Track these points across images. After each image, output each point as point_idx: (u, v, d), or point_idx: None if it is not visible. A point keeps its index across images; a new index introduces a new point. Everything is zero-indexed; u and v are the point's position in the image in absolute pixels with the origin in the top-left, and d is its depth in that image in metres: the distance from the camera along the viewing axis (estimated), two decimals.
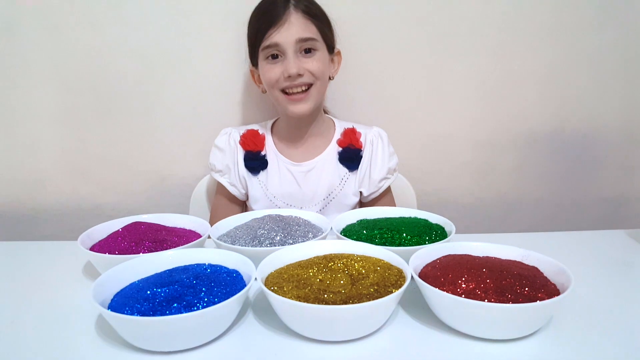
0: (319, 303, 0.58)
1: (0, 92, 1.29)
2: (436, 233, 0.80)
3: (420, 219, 0.87)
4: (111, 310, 0.59)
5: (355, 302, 0.58)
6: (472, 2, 1.25)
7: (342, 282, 0.64)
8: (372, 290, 0.61)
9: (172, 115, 1.32)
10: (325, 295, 0.60)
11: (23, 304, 0.72)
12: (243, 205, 1.23)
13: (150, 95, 1.30)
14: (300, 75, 1.03)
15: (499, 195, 1.43)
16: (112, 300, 0.63)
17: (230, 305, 0.58)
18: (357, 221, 0.89)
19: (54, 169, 1.36)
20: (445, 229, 0.83)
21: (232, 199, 1.19)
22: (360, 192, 1.16)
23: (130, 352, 0.59)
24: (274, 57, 1.04)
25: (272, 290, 0.61)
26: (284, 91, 1.06)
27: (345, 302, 0.59)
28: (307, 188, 1.14)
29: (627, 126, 1.37)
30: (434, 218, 0.88)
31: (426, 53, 1.29)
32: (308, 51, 1.04)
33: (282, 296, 0.59)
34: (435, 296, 0.60)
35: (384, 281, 0.63)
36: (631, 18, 1.28)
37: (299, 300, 0.58)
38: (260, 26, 1.03)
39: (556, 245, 0.91)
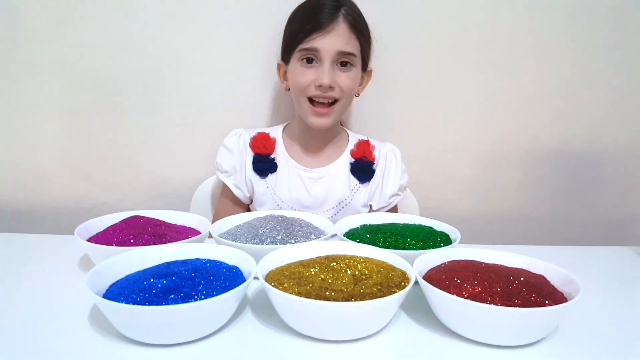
0: (320, 300, 0.56)
1: (1, 86, 1.28)
2: (441, 239, 0.78)
3: (424, 225, 0.86)
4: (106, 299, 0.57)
5: (358, 300, 0.56)
6: (481, 14, 1.26)
7: (344, 281, 0.62)
8: (375, 289, 0.59)
9: (176, 117, 1.32)
10: (327, 293, 0.58)
11: (16, 295, 0.70)
12: (247, 209, 1.21)
13: (155, 95, 1.30)
14: (331, 87, 1.02)
15: (503, 210, 1.41)
16: (107, 290, 0.61)
17: (228, 299, 0.57)
18: (361, 225, 0.87)
19: (54, 165, 1.35)
20: (450, 236, 0.82)
21: (237, 202, 1.17)
22: (370, 206, 1.15)
23: (124, 343, 0.57)
24: (309, 60, 1.03)
25: (273, 286, 0.59)
26: (310, 99, 1.05)
27: (347, 301, 0.57)
28: (316, 195, 1.13)
29: (634, 145, 1.37)
30: (438, 225, 0.86)
31: (434, 65, 1.29)
32: (344, 64, 1.03)
33: (282, 291, 0.57)
34: (440, 299, 0.58)
35: (387, 282, 0.61)
36: None
37: (299, 296, 0.57)
38: (304, 26, 1.01)
39: (562, 258, 0.89)
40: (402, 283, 0.61)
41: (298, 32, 1.02)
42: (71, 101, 1.30)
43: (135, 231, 0.77)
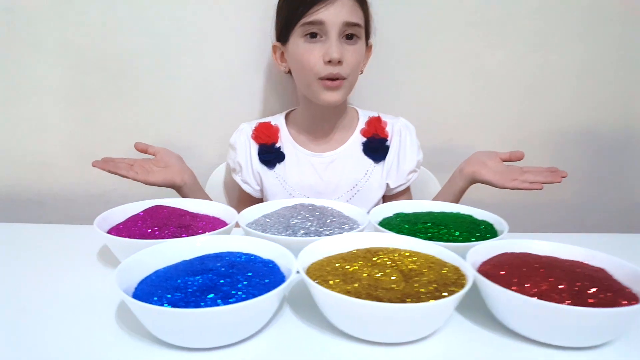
0: (371, 300, 0.52)
1: (4, 69, 1.21)
2: (485, 229, 0.74)
3: (463, 214, 0.81)
4: (137, 300, 0.52)
5: (414, 301, 0.51)
6: None
7: (392, 278, 0.57)
8: (431, 288, 0.54)
9: (187, 99, 1.26)
10: (378, 292, 0.53)
11: (33, 291, 0.65)
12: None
13: (164, 76, 1.24)
14: (340, 62, 0.95)
15: (527, 196, 1.36)
16: (136, 288, 0.56)
17: (274, 297, 0.52)
18: (394, 214, 0.82)
19: (61, 151, 1.29)
20: (494, 226, 0.77)
21: (251, 199, 1.13)
22: (387, 185, 1.10)
23: (156, 346, 0.52)
24: (313, 36, 0.96)
25: (317, 283, 0.54)
26: (320, 78, 0.98)
27: (402, 301, 0.52)
28: (329, 180, 1.08)
29: None
30: (478, 214, 0.81)
31: (457, 42, 1.24)
32: (350, 37, 0.97)
33: (331, 290, 0.52)
34: (504, 298, 0.53)
35: (443, 279, 0.56)
36: None
37: (349, 296, 0.52)
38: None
39: (619, 247, 0.82)
40: (459, 280, 0.56)
41: (298, 6, 0.95)
42: (77, 84, 1.24)
43: (160, 222, 0.71)
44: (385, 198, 1.14)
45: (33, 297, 0.63)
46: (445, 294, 0.53)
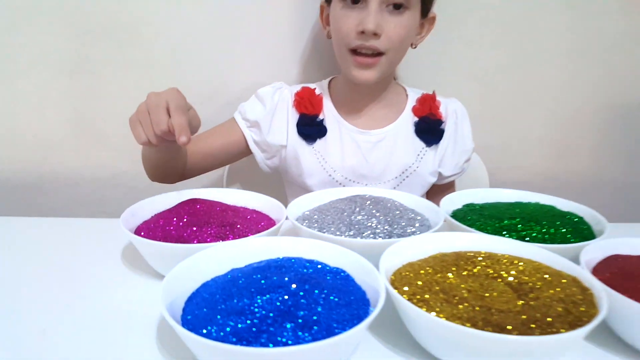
0: (491, 327, 0.41)
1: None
2: (579, 224, 0.63)
3: (544, 204, 0.70)
4: (186, 327, 0.41)
5: (545, 329, 0.41)
6: None
7: (503, 295, 0.46)
8: (559, 309, 0.43)
9: (203, 71, 1.12)
10: (495, 317, 0.43)
11: (50, 302, 0.54)
12: (234, 159, 1.01)
13: (178, 45, 1.10)
14: (376, 35, 0.82)
15: (574, 175, 1.27)
16: (184, 309, 0.45)
17: (367, 325, 0.41)
18: (464, 205, 0.71)
19: (64, 130, 1.16)
20: (584, 219, 0.66)
21: (239, 148, 0.97)
22: (439, 173, 0.98)
23: None
24: (354, 1, 0.83)
25: (419, 306, 0.43)
26: (352, 49, 0.86)
27: (527, 327, 0.41)
28: (375, 162, 0.95)
29: None
30: (562, 204, 0.70)
31: (505, 9, 1.11)
32: (397, 7, 0.82)
33: (439, 317, 0.41)
34: None
35: (569, 297, 0.45)
36: None
37: (461, 323, 0.41)
38: None
39: None
40: (587, 297, 0.45)
41: None
42: (82, 54, 1.09)
43: (199, 220, 0.60)
44: (431, 191, 1.03)
45: (51, 308, 0.52)
46: (579, 316, 0.42)
